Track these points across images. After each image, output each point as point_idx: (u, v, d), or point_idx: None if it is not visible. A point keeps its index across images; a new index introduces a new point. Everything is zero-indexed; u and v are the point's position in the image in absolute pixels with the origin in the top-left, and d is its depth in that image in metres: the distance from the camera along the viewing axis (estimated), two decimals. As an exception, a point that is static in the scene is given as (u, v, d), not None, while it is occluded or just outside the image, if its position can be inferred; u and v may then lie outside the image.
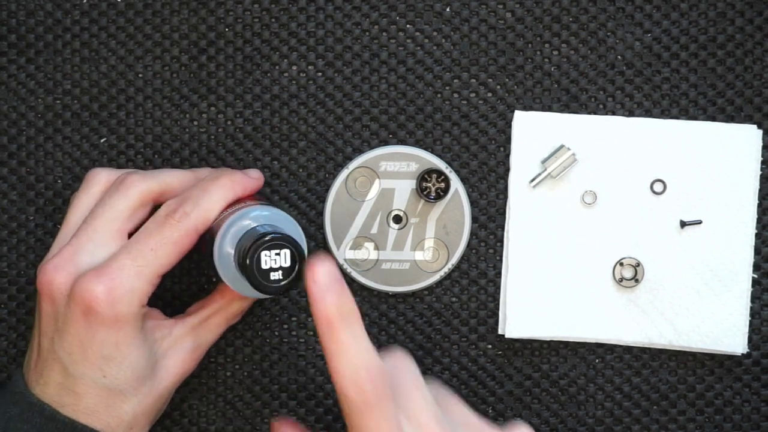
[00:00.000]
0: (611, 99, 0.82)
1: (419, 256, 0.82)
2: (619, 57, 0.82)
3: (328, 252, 0.82)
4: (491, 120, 0.82)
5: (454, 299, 0.82)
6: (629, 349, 0.82)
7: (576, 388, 0.82)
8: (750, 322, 0.82)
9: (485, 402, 0.82)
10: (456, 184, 0.81)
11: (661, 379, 0.82)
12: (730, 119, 0.82)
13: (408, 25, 0.82)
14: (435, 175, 0.80)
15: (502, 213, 0.82)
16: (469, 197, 0.82)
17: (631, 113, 0.82)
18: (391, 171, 0.81)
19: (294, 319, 0.82)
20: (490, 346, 0.82)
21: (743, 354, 0.82)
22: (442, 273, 0.82)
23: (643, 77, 0.82)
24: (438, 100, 0.82)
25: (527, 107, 0.82)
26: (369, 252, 0.82)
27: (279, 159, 0.82)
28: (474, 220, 0.82)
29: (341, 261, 0.81)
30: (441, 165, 0.81)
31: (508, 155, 0.82)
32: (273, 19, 0.82)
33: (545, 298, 0.81)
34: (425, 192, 0.80)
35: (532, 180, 0.81)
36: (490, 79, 0.82)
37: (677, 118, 0.82)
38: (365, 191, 0.81)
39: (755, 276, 0.82)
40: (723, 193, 0.81)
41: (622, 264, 0.81)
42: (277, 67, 0.82)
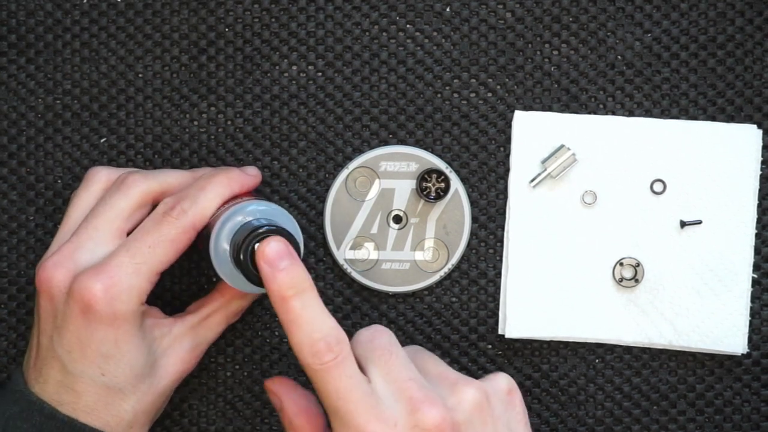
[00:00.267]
0: (611, 99, 0.82)
1: (419, 256, 0.82)
2: (619, 57, 0.82)
3: (327, 252, 0.82)
4: (491, 120, 0.82)
5: (454, 299, 0.82)
6: (629, 349, 0.82)
7: (576, 388, 0.82)
8: (750, 322, 0.81)
9: (485, 402, 0.82)
10: (456, 184, 0.81)
11: (661, 379, 0.82)
12: (730, 119, 0.82)
13: (408, 25, 0.82)
14: (435, 175, 0.80)
15: (502, 213, 0.82)
16: (469, 197, 0.82)
17: (631, 113, 0.82)
18: (391, 171, 0.81)
19: (294, 319, 0.82)
20: (490, 346, 0.82)
21: (743, 354, 0.81)
22: (442, 273, 0.82)
23: (643, 77, 0.82)
24: (438, 100, 0.82)
25: (527, 107, 0.82)
26: (369, 252, 0.81)
27: (279, 159, 0.82)
28: (474, 220, 0.82)
29: (341, 261, 0.81)
30: (441, 165, 0.81)
31: (508, 155, 0.82)
32: (273, 19, 0.82)
33: (545, 298, 0.81)
34: (425, 192, 0.80)
35: (532, 180, 0.81)
36: (490, 79, 0.82)
37: (677, 118, 0.82)
38: (365, 191, 0.81)
39: (755, 276, 0.81)
40: (723, 193, 0.81)
41: (622, 264, 0.81)
42: (277, 67, 0.82)
